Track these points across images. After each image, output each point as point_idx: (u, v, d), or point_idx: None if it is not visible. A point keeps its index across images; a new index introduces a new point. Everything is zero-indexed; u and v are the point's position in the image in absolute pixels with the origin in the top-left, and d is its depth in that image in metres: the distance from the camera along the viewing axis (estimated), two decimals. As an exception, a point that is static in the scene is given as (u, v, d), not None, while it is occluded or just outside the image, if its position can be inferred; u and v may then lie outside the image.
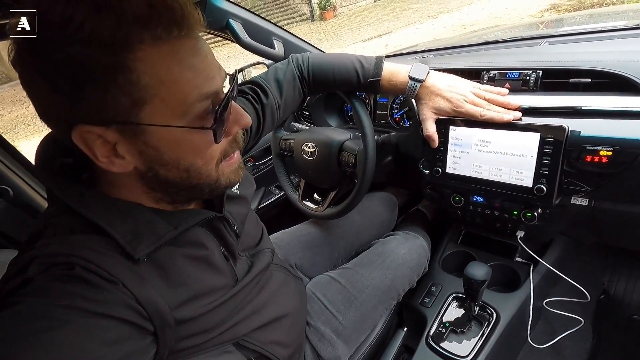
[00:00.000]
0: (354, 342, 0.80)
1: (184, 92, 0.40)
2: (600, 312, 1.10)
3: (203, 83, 0.41)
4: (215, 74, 0.43)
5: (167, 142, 0.42)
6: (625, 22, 1.00)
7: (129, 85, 0.37)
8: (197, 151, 0.44)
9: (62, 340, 0.35)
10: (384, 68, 0.78)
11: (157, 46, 0.37)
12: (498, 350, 0.83)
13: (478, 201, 0.87)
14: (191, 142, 0.43)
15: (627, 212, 0.73)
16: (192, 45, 0.40)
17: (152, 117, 0.40)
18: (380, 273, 0.86)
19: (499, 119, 0.73)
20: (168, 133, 0.41)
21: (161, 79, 0.38)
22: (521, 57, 0.86)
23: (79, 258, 0.39)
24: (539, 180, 0.72)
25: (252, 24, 1.04)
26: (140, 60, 0.37)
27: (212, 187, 0.49)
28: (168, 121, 0.40)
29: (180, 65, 0.39)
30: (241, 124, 0.48)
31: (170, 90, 0.39)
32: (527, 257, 0.95)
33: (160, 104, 0.39)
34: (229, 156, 0.50)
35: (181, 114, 0.41)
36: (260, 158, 1.35)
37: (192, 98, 0.40)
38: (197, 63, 0.41)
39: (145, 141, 0.41)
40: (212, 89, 0.42)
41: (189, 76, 0.40)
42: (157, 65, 0.38)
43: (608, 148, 0.65)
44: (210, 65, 0.43)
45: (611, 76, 0.68)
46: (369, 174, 0.84)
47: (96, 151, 0.40)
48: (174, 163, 0.44)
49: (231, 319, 0.55)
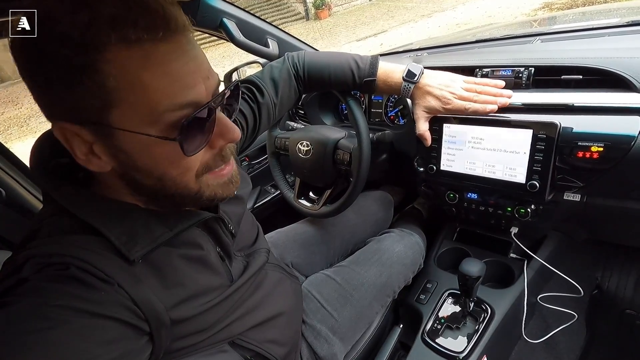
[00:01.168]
0: (350, 340, 0.80)
1: (154, 100, 0.38)
2: (594, 306, 1.11)
3: (178, 92, 0.39)
4: (199, 82, 0.40)
5: (137, 148, 0.40)
6: (617, 19, 1.01)
7: (95, 87, 0.36)
8: (169, 161, 0.42)
9: (57, 340, 0.35)
10: (380, 68, 0.78)
11: (127, 49, 0.35)
12: (493, 345, 0.84)
13: (472, 198, 0.88)
14: (162, 151, 0.41)
15: (618, 208, 0.74)
16: (169, 50, 0.38)
17: (121, 122, 0.38)
18: (375, 270, 0.86)
19: (482, 111, 0.74)
20: (137, 139, 0.39)
21: (130, 84, 0.37)
22: (514, 55, 0.86)
23: (74, 258, 0.39)
24: (532, 176, 0.73)
25: (246, 22, 1.04)
26: (108, 62, 0.35)
27: (195, 199, 0.47)
28: (136, 127, 0.39)
29: (151, 71, 0.37)
30: (227, 138, 0.45)
31: (139, 97, 0.37)
32: (521, 253, 0.96)
33: (129, 109, 0.38)
34: (213, 170, 0.47)
35: (150, 121, 0.39)
36: (255, 157, 1.35)
37: (162, 107, 0.38)
38: (174, 70, 0.38)
39: (117, 145, 0.40)
40: (189, 99, 0.39)
41: (161, 83, 0.37)
42: (126, 69, 0.36)
43: (599, 144, 0.65)
44: (193, 73, 0.40)
45: (602, 73, 0.69)
46: (364, 172, 0.84)
47: (75, 148, 0.40)
48: (146, 170, 0.42)
49: (227, 319, 0.55)
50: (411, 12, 9.58)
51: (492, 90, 0.75)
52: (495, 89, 0.76)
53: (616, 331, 1.07)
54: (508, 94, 0.75)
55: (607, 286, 1.15)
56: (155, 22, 0.36)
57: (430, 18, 8.65)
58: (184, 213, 0.50)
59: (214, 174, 0.47)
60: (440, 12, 8.85)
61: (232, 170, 0.50)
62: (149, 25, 0.36)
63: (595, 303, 1.12)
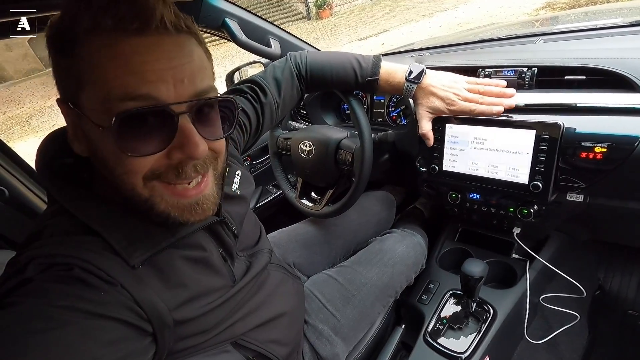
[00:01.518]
0: (352, 340, 0.80)
1: (108, 87, 0.37)
2: (596, 307, 1.11)
3: (134, 83, 0.37)
4: (165, 80, 0.38)
5: (95, 136, 0.40)
6: (620, 19, 1.00)
7: (70, 69, 0.39)
8: (115, 157, 0.40)
9: (61, 340, 0.35)
10: (382, 68, 0.78)
11: (97, 36, 0.37)
12: (495, 346, 0.84)
13: (474, 198, 0.88)
14: (108, 143, 0.39)
15: (621, 208, 0.74)
16: (140, 43, 0.37)
17: (85, 106, 0.40)
18: (377, 271, 0.86)
19: (488, 112, 0.74)
20: (93, 125, 0.39)
21: (91, 69, 0.38)
22: (517, 55, 0.86)
23: (78, 259, 0.39)
24: (535, 177, 0.73)
25: (249, 22, 1.04)
26: (82, 45, 0.38)
27: (146, 208, 0.43)
28: (92, 114, 0.39)
29: (111, 59, 0.37)
30: (185, 152, 0.41)
31: (97, 83, 0.38)
32: (524, 253, 0.95)
33: (90, 94, 0.39)
34: (166, 181, 0.43)
35: (104, 110, 0.38)
36: (257, 157, 1.35)
37: (114, 95, 0.37)
38: (137, 62, 0.37)
39: (84, 129, 0.42)
40: (142, 91, 0.38)
41: (117, 72, 0.37)
42: (92, 55, 0.38)
43: (602, 144, 0.65)
44: (160, 71, 0.38)
45: (605, 73, 0.69)
46: (366, 172, 0.84)
47: (69, 125, 0.44)
48: (103, 163, 0.42)
49: (229, 319, 0.55)
50: (412, 12, 9.57)
51: (495, 90, 0.75)
52: (498, 89, 0.75)
53: (618, 332, 1.07)
54: (511, 93, 0.75)
55: (609, 287, 1.15)
56: (128, 15, 0.37)
57: (431, 17, 8.63)
58: None
59: (167, 187, 0.43)
60: (441, 11, 8.83)
61: (200, 193, 0.45)
62: (121, 16, 0.37)
63: (597, 304, 1.12)
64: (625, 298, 1.12)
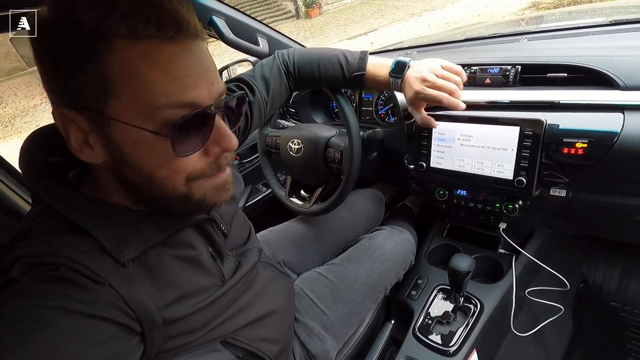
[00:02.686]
0: (343, 336, 0.81)
1: (152, 95, 0.38)
2: (580, 300, 1.14)
3: (176, 90, 0.39)
4: (201, 85, 0.41)
5: (129, 142, 0.41)
6: (602, 19, 1.03)
7: (97, 75, 0.37)
8: (159, 160, 0.42)
9: (48, 341, 0.34)
10: (368, 62, 0.78)
11: (134, 43, 0.37)
12: (482, 339, 0.85)
13: (462, 195, 0.89)
14: (153, 148, 0.41)
15: (603, 203, 0.76)
16: (176, 50, 0.39)
17: (117, 112, 0.39)
18: (367, 268, 0.87)
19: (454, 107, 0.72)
20: (130, 132, 0.40)
21: (130, 76, 0.38)
22: (501, 53, 0.88)
23: (65, 258, 0.38)
24: (519, 172, 0.74)
25: (236, 20, 1.04)
26: (113, 52, 0.37)
27: (183, 202, 0.46)
28: (131, 120, 0.39)
29: (153, 66, 0.38)
30: (222, 146, 0.45)
31: (138, 90, 0.38)
32: (510, 248, 0.97)
33: (126, 101, 0.38)
34: (206, 177, 0.46)
35: (146, 116, 0.39)
36: (246, 156, 1.34)
37: (159, 103, 0.39)
38: (176, 69, 0.39)
39: (110, 135, 0.40)
40: (187, 99, 0.40)
41: (160, 80, 0.38)
42: (129, 62, 0.37)
43: (583, 140, 0.67)
44: (196, 75, 0.40)
45: (586, 71, 0.71)
46: (355, 169, 0.85)
47: (70, 135, 0.41)
48: (136, 167, 0.42)
49: (219, 318, 0.54)
50: (401, 11, 9.62)
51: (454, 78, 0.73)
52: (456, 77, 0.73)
53: (602, 323, 1.10)
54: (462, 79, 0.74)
55: (593, 279, 1.18)
56: (166, 22, 0.37)
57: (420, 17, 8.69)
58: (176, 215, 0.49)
59: (206, 180, 0.46)
60: (430, 11, 8.90)
61: (225, 175, 0.49)
62: (160, 23, 0.37)
63: (581, 296, 1.15)
64: (608, 290, 1.15)
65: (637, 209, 0.74)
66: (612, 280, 1.16)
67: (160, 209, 0.47)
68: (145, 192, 0.44)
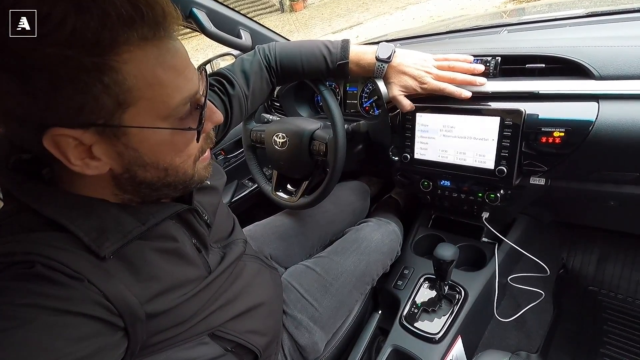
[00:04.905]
0: (331, 328, 0.82)
1: (169, 95, 0.40)
2: (560, 285, 1.18)
3: (185, 85, 0.41)
4: (194, 72, 0.43)
5: (149, 143, 0.42)
6: (581, 10, 1.05)
7: (114, 87, 0.36)
8: (177, 151, 0.45)
9: (24, 339, 0.34)
10: (351, 51, 0.78)
11: (143, 47, 0.37)
12: (467, 326, 0.88)
13: (445, 185, 0.91)
14: (172, 142, 0.44)
15: (579, 190, 0.78)
16: (172, 46, 0.40)
17: (136, 119, 0.39)
18: (354, 259, 0.88)
19: (457, 95, 0.74)
20: (151, 135, 0.41)
21: (147, 81, 0.38)
22: (482, 45, 0.89)
23: (39, 256, 0.37)
24: (500, 162, 0.76)
25: (217, 13, 1.02)
26: (127, 61, 0.36)
27: (186, 184, 0.49)
28: (152, 123, 0.40)
29: (163, 67, 0.39)
30: (214, 121, 0.49)
31: (156, 93, 0.39)
32: (492, 236, 1.00)
33: (146, 106, 0.39)
34: (205, 153, 0.51)
35: (165, 116, 0.41)
36: (231, 151, 1.33)
37: (175, 101, 0.41)
38: (178, 64, 0.40)
39: (126, 143, 0.40)
40: (192, 91, 0.42)
41: (172, 78, 0.40)
42: (143, 67, 0.37)
43: (561, 129, 0.69)
44: (189, 65, 0.42)
45: (563, 61, 0.72)
46: (340, 162, 0.85)
47: (69, 155, 0.38)
48: (153, 164, 0.44)
49: (205, 310, 0.54)
50: (386, 5, 9.63)
51: (465, 66, 0.75)
52: (467, 65, 0.76)
53: (581, 307, 1.14)
54: (480, 69, 0.75)
55: (572, 265, 1.22)
56: (160, 20, 0.37)
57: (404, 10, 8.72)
58: (156, 206, 0.49)
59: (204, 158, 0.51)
60: (414, 4, 8.93)
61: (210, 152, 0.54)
62: (155, 22, 0.37)
63: (561, 281, 1.19)
64: (586, 275, 1.20)
65: (612, 195, 0.77)
66: (589, 266, 1.20)
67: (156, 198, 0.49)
68: (153, 185, 0.46)
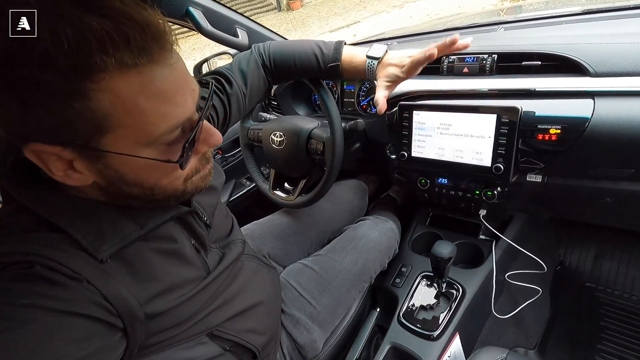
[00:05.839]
0: (329, 326, 0.82)
1: (152, 123, 0.37)
2: (557, 281, 1.18)
3: (172, 113, 0.38)
4: (187, 97, 0.40)
5: (130, 167, 0.40)
6: (578, 8, 1.05)
7: (87, 114, 0.34)
8: (162, 174, 0.43)
9: (23, 340, 0.34)
10: (343, 53, 0.77)
11: (123, 74, 0.34)
12: (465, 323, 0.88)
13: (443, 183, 0.91)
14: (156, 168, 0.42)
15: (576, 186, 0.79)
16: (160, 72, 0.36)
17: (115, 145, 0.37)
18: (352, 257, 0.88)
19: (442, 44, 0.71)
20: (130, 160, 0.39)
21: (126, 109, 0.35)
22: (478, 42, 0.89)
23: (39, 256, 0.37)
24: (497, 159, 0.76)
25: (214, 11, 1.01)
26: (102, 89, 0.33)
27: (178, 197, 0.48)
28: (132, 150, 0.38)
29: (147, 94, 0.36)
30: (210, 144, 0.47)
31: (136, 121, 0.36)
32: (490, 234, 1.00)
33: (125, 133, 0.37)
34: (200, 172, 0.49)
35: (146, 143, 0.39)
36: (229, 150, 1.33)
37: (159, 129, 0.38)
38: (166, 91, 0.37)
39: (106, 164, 0.39)
40: (182, 118, 0.40)
41: (156, 106, 0.37)
42: (122, 95, 0.34)
43: (557, 126, 0.69)
44: (182, 89, 0.39)
45: (559, 58, 0.72)
46: (338, 160, 0.85)
47: (51, 166, 0.38)
48: (136, 183, 0.42)
49: (204, 310, 0.54)
50: (383, 3, 9.61)
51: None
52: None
53: (578, 303, 1.15)
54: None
55: (569, 262, 1.23)
56: (148, 42, 0.34)
57: (402, 9, 8.71)
58: (155, 209, 0.49)
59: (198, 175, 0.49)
60: (411, 2, 8.92)
61: (209, 165, 0.52)
62: (142, 46, 0.34)
63: (558, 278, 1.19)
64: (583, 271, 1.20)
65: (608, 191, 0.77)
66: (586, 262, 1.21)
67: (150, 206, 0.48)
68: (142, 199, 0.45)
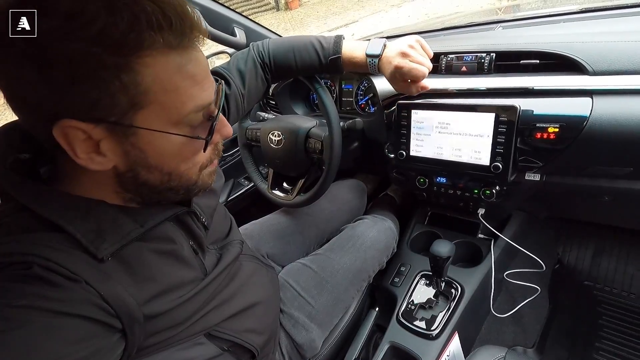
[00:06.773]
0: (328, 325, 0.82)
1: (182, 102, 0.41)
2: (555, 280, 1.18)
3: (200, 94, 0.42)
4: (211, 83, 0.44)
5: (155, 146, 0.42)
6: (576, 6, 1.05)
7: (131, 87, 0.37)
8: (183, 158, 0.45)
9: (21, 341, 0.33)
10: (344, 46, 0.77)
11: (166, 53, 0.38)
12: (464, 322, 0.88)
13: (441, 182, 0.91)
14: (180, 149, 0.44)
15: (574, 185, 0.79)
16: (195, 56, 0.41)
17: (147, 122, 0.40)
18: (350, 256, 0.88)
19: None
20: (159, 138, 0.41)
21: (163, 86, 0.39)
22: (476, 41, 0.89)
23: (37, 256, 0.37)
24: (495, 158, 0.76)
25: (211, 10, 1.01)
26: (148, 65, 0.37)
27: (189, 190, 0.50)
28: (162, 127, 0.41)
29: (182, 74, 0.40)
30: (223, 134, 0.50)
31: (170, 98, 0.40)
32: (488, 233, 1.00)
33: (158, 110, 0.39)
34: (212, 163, 0.51)
35: (176, 122, 0.42)
36: (227, 150, 1.32)
37: (188, 108, 0.41)
38: (197, 74, 0.41)
39: (134, 143, 0.41)
40: (206, 101, 0.43)
41: (188, 86, 0.40)
42: (162, 72, 0.38)
43: (555, 125, 0.69)
44: (208, 76, 0.43)
45: (557, 57, 0.72)
46: (336, 159, 0.85)
47: (76, 147, 0.39)
48: (157, 166, 0.44)
49: (202, 311, 0.54)
50: (381, 2, 9.61)
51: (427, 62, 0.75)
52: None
53: (576, 301, 1.15)
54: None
55: (567, 260, 1.23)
56: (186, 29, 0.39)
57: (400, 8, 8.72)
58: (155, 208, 0.49)
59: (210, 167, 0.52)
60: (410, 1, 8.93)
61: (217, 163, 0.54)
62: (182, 32, 0.38)
63: (557, 277, 1.19)
64: (581, 270, 1.20)
65: (606, 190, 0.77)
66: (584, 261, 1.21)
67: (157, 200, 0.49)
68: (155, 188, 0.46)
